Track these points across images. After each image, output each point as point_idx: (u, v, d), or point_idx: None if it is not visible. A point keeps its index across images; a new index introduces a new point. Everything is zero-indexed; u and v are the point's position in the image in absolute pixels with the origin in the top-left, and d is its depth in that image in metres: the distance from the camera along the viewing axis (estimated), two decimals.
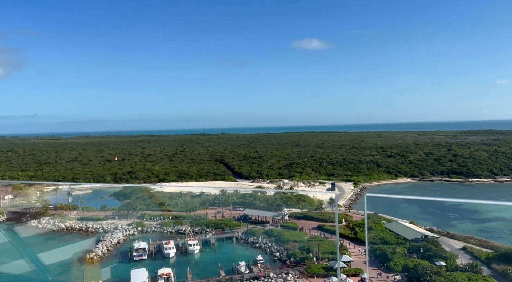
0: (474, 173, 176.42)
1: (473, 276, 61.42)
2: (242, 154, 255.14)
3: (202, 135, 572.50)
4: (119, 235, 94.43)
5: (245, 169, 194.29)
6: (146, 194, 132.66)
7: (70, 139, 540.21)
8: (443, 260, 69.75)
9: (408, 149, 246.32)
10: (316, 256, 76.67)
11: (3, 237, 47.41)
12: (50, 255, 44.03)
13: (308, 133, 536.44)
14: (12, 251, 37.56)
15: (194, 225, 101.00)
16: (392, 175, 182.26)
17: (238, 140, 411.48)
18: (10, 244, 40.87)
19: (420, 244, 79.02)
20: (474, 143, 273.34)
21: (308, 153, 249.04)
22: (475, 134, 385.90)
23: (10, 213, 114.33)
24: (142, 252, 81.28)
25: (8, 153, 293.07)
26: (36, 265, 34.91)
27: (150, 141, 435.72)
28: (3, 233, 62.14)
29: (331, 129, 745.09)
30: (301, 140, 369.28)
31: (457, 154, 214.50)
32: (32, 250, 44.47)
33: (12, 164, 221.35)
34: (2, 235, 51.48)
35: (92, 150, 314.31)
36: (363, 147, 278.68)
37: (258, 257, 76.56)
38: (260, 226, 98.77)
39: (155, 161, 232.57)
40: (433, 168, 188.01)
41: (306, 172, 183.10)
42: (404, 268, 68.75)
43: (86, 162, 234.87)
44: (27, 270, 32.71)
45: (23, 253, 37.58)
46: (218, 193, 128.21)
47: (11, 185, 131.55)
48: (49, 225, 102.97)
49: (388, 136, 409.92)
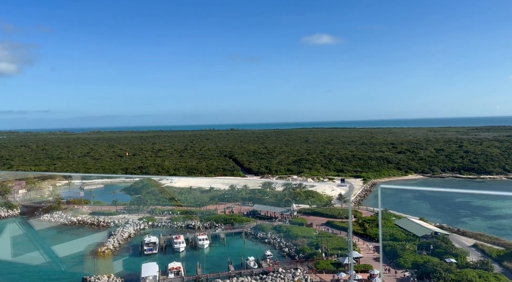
0: (485, 170, 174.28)
1: (484, 274, 60.99)
2: (252, 150, 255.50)
3: (212, 131, 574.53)
4: (130, 229, 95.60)
5: (254, 165, 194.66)
6: (156, 189, 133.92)
7: (82, 135, 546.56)
8: (453, 257, 69.37)
9: (418, 145, 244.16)
10: (325, 252, 76.77)
11: (18, 230, 48.58)
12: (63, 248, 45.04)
13: (317, 129, 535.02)
14: (26, 243, 38.53)
15: (203, 220, 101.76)
16: (402, 171, 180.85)
17: (247, 136, 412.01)
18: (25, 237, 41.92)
19: (430, 241, 78.60)
20: (486, 139, 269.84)
21: (317, 149, 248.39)
22: (487, 130, 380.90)
23: (24, 207, 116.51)
24: (153, 246, 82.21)
25: (21, 148, 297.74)
26: (50, 257, 35.77)
27: (160, 137, 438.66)
28: (17, 226, 63.68)
29: (341, 125, 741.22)
30: (310, 136, 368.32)
31: (469, 150, 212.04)
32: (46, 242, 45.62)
33: (26, 159, 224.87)
34: (16, 228, 52.77)
35: (103, 145, 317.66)
36: (373, 143, 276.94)
37: (267, 252, 76.99)
38: (269, 222, 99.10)
39: (165, 157, 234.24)
40: (444, 164, 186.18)
41: (315, 168, 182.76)
42: (413, 265, 68.51)
43: (97, 157, 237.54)
44: (41, 262, 33.59)
45: (37, 245, 38.52)
46: (228, 188, 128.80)
47: (25, 180, 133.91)
48: (61, 219, 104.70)
49: (398, 132, 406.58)
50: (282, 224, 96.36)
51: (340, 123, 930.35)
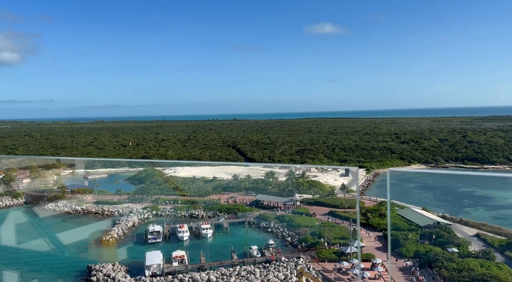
0: (489, 160, 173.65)
1: (485, 263, 61.23)
2: (254, 139, 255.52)
3: (215, 121, 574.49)
4: (134, 218, 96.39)
5: (257, 155, 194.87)
6: (160, 178, 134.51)
7: (86, 124, 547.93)
8: (456, 247, 69.61)
9: (422, 135, 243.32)
10: (328, 241, 77.28)
11: (22, 218, 49.07)
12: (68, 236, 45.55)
13: (320, 119, 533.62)
14: (31, 231, 38.92)
15: (207, 209, 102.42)
16: (406, 161, 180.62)
17: (250, 126, 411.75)
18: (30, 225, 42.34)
19: (433, 230, 78.80)
20: (490, 129, 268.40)
21: (320, 139, 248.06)
22: (492, 120, 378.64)
23: (29, 196, 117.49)
24: (157, 235, 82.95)
25: (25, 137, 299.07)
26: (54, 244, 36.17)
27: (163, 127, 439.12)
28: (22, 214, 64.34)
29: (345, 115, 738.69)
30: (313, 126, 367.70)
31: (473, 140, 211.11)
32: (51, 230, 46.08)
33: (30, 148, 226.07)
34: (22, 216, 53.30)
35: (107, 135, 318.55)
36: (376, 133, 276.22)
37: (270, 241, 77.56)
38: (272, 211, 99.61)
39: (168, 146, 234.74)
40: (448, 154, 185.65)
41: (318, 158, 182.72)
42: (416, 254, 68.90)
43: (101, 146, 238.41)
44: (46, 249, 33.99)
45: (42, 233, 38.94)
46: (231, 178, 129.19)
47: (29, 169, 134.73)
48: (66, 208, 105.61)
49: (402, 122, 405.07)
50: (285, 213, 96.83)
51: (344, 113, 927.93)
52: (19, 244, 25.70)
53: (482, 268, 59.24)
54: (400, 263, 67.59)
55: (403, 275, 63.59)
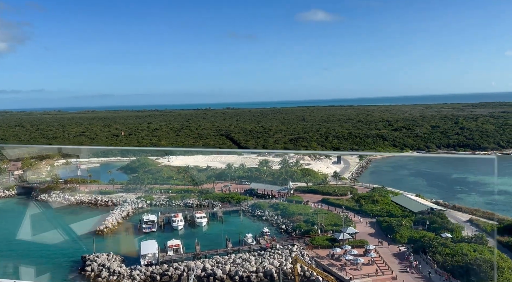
0: (480, 146, 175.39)
1: (478, 247, 62.02)
2: (248, 128, 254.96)
3: (208, 110, 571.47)
4: (128, 208, 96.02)
5: (250, 144, 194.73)
6: (154, 168, 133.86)
7: (77, 114, 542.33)
8: (449, 232, 70.43)
9: (414, 123, 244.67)
10: (321, 228, 77.81)
11: (16, 210, 48.51)
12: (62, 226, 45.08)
13: (314, 108, 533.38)
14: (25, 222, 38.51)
15: (201, 198, 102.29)
16: (398, 148, 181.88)
17: (243, 115, 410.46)
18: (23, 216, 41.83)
19: (426, 216, 79.58)
20: (481, 115, 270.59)
21: (313, 127, 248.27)
22: (483, 107, 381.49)
23: (20, 188, 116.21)
24: (152, 225, 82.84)
25: (16, 127, 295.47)
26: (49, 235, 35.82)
27: (156, 116, 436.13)
28: (15, 206, 63.56)
29: (338, 103, 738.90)
30: (306, 115, 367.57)
31: (464, 127, 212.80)
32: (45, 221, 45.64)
33: (20, 139, 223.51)
34: (15, 208, 52.64)
35: (99, 124, 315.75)
36: (369, 121, 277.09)
37: (264, 229, 77.85)
38: (266, 200, 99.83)
39: (161, 136, 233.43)
40: (440, 141, 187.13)
41: (311, 146, 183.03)
42: (409, 240, 69.63)
43: (93, 136, 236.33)
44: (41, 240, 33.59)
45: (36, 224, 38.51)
46: (224, 167, 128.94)
47: (20, 161, 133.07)
48: (59, 198, 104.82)
49: (394, 110, 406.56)
50: (279, 202, 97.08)
51: (337, 101, 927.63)
52: (14, 235, 25.34)
53: (475, 252, 59.99)
54: (394, 248, 68.28)
55: (397, 260, 64.25)
